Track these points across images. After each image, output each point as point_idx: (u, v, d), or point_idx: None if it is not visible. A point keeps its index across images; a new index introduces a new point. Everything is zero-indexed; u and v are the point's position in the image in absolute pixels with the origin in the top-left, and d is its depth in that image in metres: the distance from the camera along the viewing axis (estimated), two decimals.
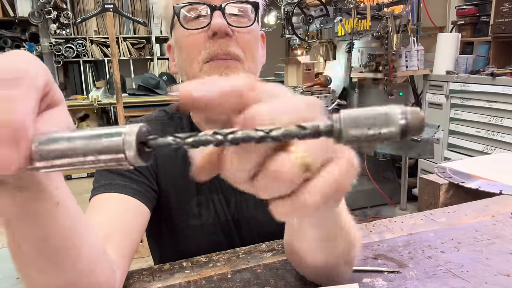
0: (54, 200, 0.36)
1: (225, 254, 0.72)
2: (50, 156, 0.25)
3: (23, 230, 0.36)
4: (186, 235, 0.77)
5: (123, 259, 0.59)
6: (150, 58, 5.36)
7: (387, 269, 0.64)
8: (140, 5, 5.28)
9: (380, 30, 2.80)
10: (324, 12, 2.87)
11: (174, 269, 0.68)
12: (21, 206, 0.33)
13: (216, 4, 0.65)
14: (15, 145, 0.24)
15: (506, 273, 0.63)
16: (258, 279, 0.64)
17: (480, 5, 3.18)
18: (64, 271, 0.42)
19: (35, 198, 0.34)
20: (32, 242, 0.38)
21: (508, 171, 1.21)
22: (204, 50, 0.66)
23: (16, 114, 0.25)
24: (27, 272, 0.42)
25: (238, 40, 0.67)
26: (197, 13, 0.68)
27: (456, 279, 0.62)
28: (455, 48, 2.92)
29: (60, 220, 0.38)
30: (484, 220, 0.83)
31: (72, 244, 0.41)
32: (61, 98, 0.32)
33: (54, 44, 4.75)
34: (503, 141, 2.45)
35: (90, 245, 0.45)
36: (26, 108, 0.26)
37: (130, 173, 0.69)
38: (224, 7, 0.65)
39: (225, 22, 0.64)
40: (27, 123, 0.25)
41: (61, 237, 0.39)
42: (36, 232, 0.37)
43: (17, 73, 0.26)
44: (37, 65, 0.29)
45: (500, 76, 2.46)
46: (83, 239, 0.43)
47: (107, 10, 2.74)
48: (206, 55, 0.66)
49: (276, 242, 0.77)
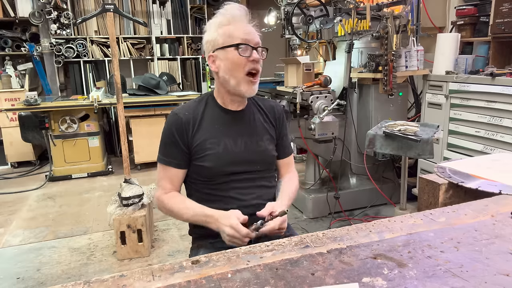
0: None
1: (225, 254, 0.72)
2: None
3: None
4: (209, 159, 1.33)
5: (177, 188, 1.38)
6: (150, 58, 5.36)
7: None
8: (140, 5, 5.28)
9: (380, 30, 2.80)
10: (324, 12, 2.87)
11: (174, 269, 0.68)
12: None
13: (254, 45, 1.28)
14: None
15: (506, 273, 0.63)
16: (258, 279, 0.64)
17: (479, 5, 3.18)
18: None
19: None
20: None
21: (507, 171, 1.21)
22: (247, 66, 1.27)
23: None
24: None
25: (260, 62, 1.31)
26: (246, 47, 1.28)
27: (455, 278, 0.62)
28: (454, 48, 2.92)
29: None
30: (483, 220, 0.83)
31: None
32: None
33: (55, 44, 4.75)
34: (503, 141, 2.45)
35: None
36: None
37: (171, 150, 1.33)
38: (257, 48, 1.29)
39: (258, 55, 1.29)
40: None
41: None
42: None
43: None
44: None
45: (500, 76, 2.46)
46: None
47: (107, 10, 2.75)
48: (247, 68, 1.27)
49: (276, 242, 0.77)
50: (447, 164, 1.27)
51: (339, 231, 0.81)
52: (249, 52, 1.27)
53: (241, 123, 1.37)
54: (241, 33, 1.28)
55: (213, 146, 1.32)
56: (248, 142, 1.35)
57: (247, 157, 1.34)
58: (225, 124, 1.36)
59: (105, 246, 2.72)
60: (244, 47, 1.27)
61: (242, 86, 1.29)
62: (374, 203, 3.18)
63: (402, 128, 2.20)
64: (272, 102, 1.50)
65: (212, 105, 1.38)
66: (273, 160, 1.42)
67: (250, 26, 1.30)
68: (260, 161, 1.36)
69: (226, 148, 1.32)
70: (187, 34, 5.44)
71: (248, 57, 1.26)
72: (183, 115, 1.33)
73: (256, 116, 1.41)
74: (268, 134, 1.41)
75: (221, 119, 1.36)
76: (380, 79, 2.82)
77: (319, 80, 2.83)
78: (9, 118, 4.49)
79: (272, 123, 1.44)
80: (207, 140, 1.32)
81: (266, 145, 1.38)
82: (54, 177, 4.16)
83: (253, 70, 1.28)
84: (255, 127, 1.39)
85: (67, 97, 4.54)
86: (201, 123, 1.34)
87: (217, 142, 1.32)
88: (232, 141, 1.33)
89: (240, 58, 1.26)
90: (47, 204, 3.56)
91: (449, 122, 2.81)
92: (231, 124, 1.36)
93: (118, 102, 2.80)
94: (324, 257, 0.71)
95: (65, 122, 4.11)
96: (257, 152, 1.35)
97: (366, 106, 3.11)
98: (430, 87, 2.97)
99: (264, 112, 1.44)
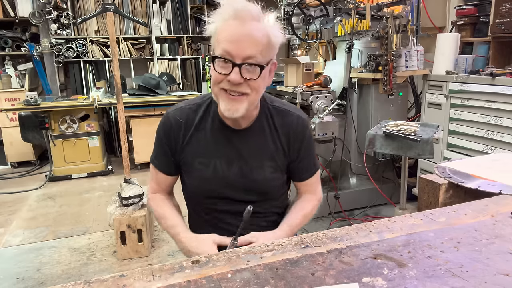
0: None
1: (225, 254, 0.72)
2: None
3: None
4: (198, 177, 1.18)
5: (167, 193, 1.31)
6: (150, 58, 5.36)
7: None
8: (140, 5, 5.28)
9: (379, 30, 2.80)
10: (324, 12, 2.87)
11: (174, 269, 0.68)
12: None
13: (237, 62, 0.98)
14: None
15: (506, 273, 0.63)
16: (258, 279, 0.64)
17: (479, 5, 3.18)
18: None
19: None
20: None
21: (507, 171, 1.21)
22: (223, 83, 1.01)
23: None
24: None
25: (249, 83, 1.02)
26: (226, 61, 1.00)
27: (455, 278, 0.62)
28: (454, 48, 2.92)
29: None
30: (483, 220, 0.83)
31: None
32: None
33: (55, 44, 4.75)
34: (503, 141, 2.45)
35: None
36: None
37: (162, 155, 1.20)
38: (241, 65, 0.99)
39: (238, 78, 0.99)
40: None
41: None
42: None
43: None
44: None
45: (500, 76, 2.46)
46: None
47: (107, 10, 2.75)
48: (223, 86, 1.02)
49: (276, 242, 0.77)
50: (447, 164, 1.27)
51: (339, 231, 0.81)
52: (228, 68, 0.99)
53: (241, 143, 1.14)
54: (225, 39, 0.98)
55: (201, 167, 1.14)
56: (244, 167, 1.14)
57: (241, 184, 1.14)
58: (221, 141, 1.14)
59: (105, 246, 2.72)
60: (221, 61, 0.99)
61: (220, 103, 1.05)
62: (374, 203, 3.18)
63: (402, 128, 2.20)
64: (292, 117, 1.18)
65: (213, 113, 1.16)
66: (274, 190, 1.20)
67: (250, 28, 0.98)
68: (256, 190, 1.15)
69: (215, 171, 1.13)
70: (187, 34, 5.44)
71: (225, 75, 0.99)
72: (174, 120, 1.15)
73: (264, 135, 1.16)
74: (273, 160, 1.16)
75: (219, 133, 1.14)
76: (380, 79, 2.81)
77: (319, 80, 2.83)
78: (9, 118, 4.49)
79: (283, 146, 1.17)
80: (196, 158, 1.15)
81: (267, 173, 1.15)
82: (54, 177, 4.16)
83: (230, 92, 1.01)
84: (256, 150, 1.15)
85: (67, 97, 4.54)
86: (194, 134, 1.15)
87: (206, 163, 1.14)
88: (225, 163, 1.13)
89: (215, 72, 1.01)
90: (47, 204, 3.56)
91: (449, 122, 2.81)
92: (229, 142, 1.14)
93: (118, 102, 2.80)
94: (324, 257, 0.71)
95: (65, 122, 4.11)
96: (254, 181, 1.14)
97: (366, 106, 3.11)
98: (430, 87, 2.97)
99: (275, 130, 1.17)
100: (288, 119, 1.17)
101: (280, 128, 1.17)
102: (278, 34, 1.03)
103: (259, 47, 0.99)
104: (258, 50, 0.98)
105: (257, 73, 1.00)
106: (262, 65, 1.00)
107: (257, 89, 1.04)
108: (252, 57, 0.98)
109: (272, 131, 1.17)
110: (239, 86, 1.00)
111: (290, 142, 1.18)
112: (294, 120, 1.18)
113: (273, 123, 1.17)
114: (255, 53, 0.98)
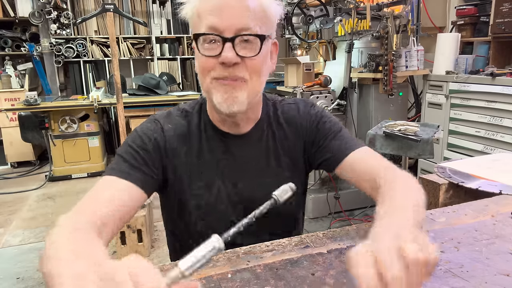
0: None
1: (225, 254, 0.72)
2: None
3: None
4: (195, 214, 0.89)
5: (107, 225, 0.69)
6: (150, 58, 5.36)
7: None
8: (140, 5, 5.28)
9: (380, 30, 2.80)
10: (324, 12, 2.87)
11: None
12: None
13: (227, 36, 0.75)
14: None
15: (506, 273, 0.63)
16: (258, 279, 0.64)
17: (480, 5, 3.18)
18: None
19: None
20: None
21: (508, 171, 1.20)
22: (214, 71, 0.78)
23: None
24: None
25: (247, 64, 0.78)
26: (213, 38, 0.77)
27: (456, 278, 0.62)
28: (455, 48, 2.92)
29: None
30: (484, 220, 0.83)
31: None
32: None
33: (55, 44, 4.75)
34: (503, 141, 2.45)
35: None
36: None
37: (136, 163, 0.81)
38: (234, 39, 0.75)
39: (233, 55, 0.75)
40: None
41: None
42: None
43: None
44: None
45: (500, 76, 2.46)
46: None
47: (107, 10, 2.75)
48: (215, 75, 0.78)
49: (276, 242, 0.77)
50: (447, 164, 1.27)
51: (339, 231, 0.81)
52: (217, 48, 0.76)
53: (243, 154, 0.90)
54: (208, 12, 0.76)
55: (200, 192, 0.88)
56: (250, 183, 0.89)
57: (245, 205, 0.89)
58: (215, 157, 0.88)
59: None
60: (207, 41, 0.77)
61: (214, 96, 0.79)
62: (374, 203, 3.18)
63: (402, 128, 2.20)
64: (296, 105, 0.96)
65: (204, 121, 0.91)
66: (290, 210, 0.95)
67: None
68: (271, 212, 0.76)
69: (219, 195, 0.88)
70: (187, 34, 5.43)
71: (216, 57, 0.76)
72: (165, 127, 0.88)
73: (269, 137, 0.92)
74: (288, 170, 0.92)
75: (214, 144, 0.89)
76: (380, 79, 2.81)
77: (319, 80, 2.83)
78: (9, 118, 4.49)
79: (296, 146, 0.93)
80: (192, 182, 0.87)
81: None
82: (54, 177, 4.16)
83: (223, 79, 0.78)
84: (265, 160, 0.91)
85: (67, 97, 4.54)
86: (186, 148, 0.88)
87: (206, 186, 0.88)
88: (230, 183, 0.89)
89: (201, 58, 0.78)
90: (47, 204, 3.55)
91: (449, 122, 2.81)
92: (229, 156, 0.89)
93: (118, 102, 2.80)
94: (324, 257, 0.71)
95: (65, 122, 4.11)
96: (262, 200, 0.76)
97: (366, 106, 3.11)
98: (430, 87, 2.97)
99: (282, 127, 0.93)
100: (291, 111, 0.95)
101: (285, 122, 0.93)
102: (274, 5, 0.82)
103: (254, 14, 0.76)
104: (252, 18, 0.76)
105: (256, 48, 0.77)
106: (261, 34, 0.77)
107: (258, 72, 0.80)
108: (246, 28, 0.76)
109: (279, 127, 0.93)
110: (235, 68, 0.77)
111: (306, 135, 0.93)
112: (298, 110, 0.95)
113: (277, 119, 0.93)
114: (249, 21, 0.76)
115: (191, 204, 0.88)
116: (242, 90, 0.79)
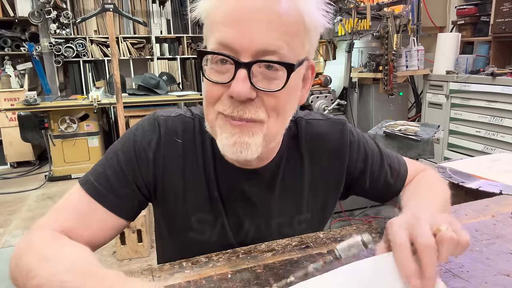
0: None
1: (225, 254, 0.72)
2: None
3: None
4: (188, 244, 0.77)
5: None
6: (150, 58, 5.36)
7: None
8: (140, 5, 5.28)
9: (380, 30, 2.80)
10: None
11: (174, 269, 0.68)
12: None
13: (243, 60, 0.55)
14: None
15: (506, 273, 0.63)
16: (258, 279, 0.64)
17: (480, 5, 3.18)
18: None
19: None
20: None
21: (508, 171, 1.20)
22: (221, 103, 0.59)
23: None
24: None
25: (265, 101, 0.58)
26: (224, 58, 0.57)
27: (456, 279, 0.62)
28: (455, 48, 2.92)
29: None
30: (484, 220, 0.83)
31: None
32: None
33: (54, 44, 4.75)
34: (503, 141, 2.45)
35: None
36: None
37: (116, 183, 0.69)
38: (251, 66, 0.55)
39: (246, 90, 0.55)
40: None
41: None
42: None
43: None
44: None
45: (500, 76, 2.46)
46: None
47: (107, 10, 2.74)
48: (221, 109, 0.59)
49: (276, 242, 0.77)
50: (448, 164, 1.27)
51: (340, 231, 0.81)
52: (228, 72, 0.57)
53: (253, 189, 0.73)
54: (221, 21, 0.56)
55: (201, 227, 0.74)
56: (260, 227, 0.75)
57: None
58: (223, 192, 0.73)
59: (105, 246, 2.71)
60: (215, 61, 0.58)
61: (218, 137, 0.62)
62: (374, 203, 3.18)
63: (403, 128, 2.20)
64: (325, 129, 0.77)
65: (208, 144, 0.72)
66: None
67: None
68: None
69: (224, 233, 0.74)
70: (187, 34, 5.43)
71: (225, 85, 0.57)
72: (166, 135, 0.70)
73: (292, 170, 0.75)
74: (309, 210, 0.78)
75: (224, 181, 0.72)
76: (381, 78, 2.81)
77: (319, 80, 2.83)
78: (9, 118, 4.49)
79: (327, 179, 0.77)
80: (193, 214, 0.73)
81: (296, 232, 0.77)
82: (54, 177, 4.16)
83: (232, 116, 0.58)
84: (283, 200, 0.75)
85: (66, 97, 4.54)
86: (183, 178, 0.72)
87: (209, 221, 0.73)
88: (236, 221, 0.74)
89: (207, 83, 0.60)
90: (46, 204, 3.55)
91: (450, 122, 2.81)
92: (238, 189, 0.73)
93: (117, 102, 2.80)
94: (324, 257, 0.70)
95: (64, 122, 4.11)
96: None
97: (367, 106, 3.11)
98: (430, 87, 2.97)
99: (311, 157, 0.75)
100: (320, 135, 0.76)
101: (314, 151, 0.75)
102: (317, 14, 0.59)
103: (283, 29, 0.55)
104: (283, 33, 0.55)
105: (281, 79, 0.57)
106: (290, 63, 0.56)
107: (281, 111, 0.60)
108: (272, 51, 0.55)
109: (304, 161, 0.75)
110: (247, 106, 0.57)
111: (342, 164, 0.77)
112: (328, 135, 0.76)
113: (298, 148, 0.74)
114: (277, 40, 0.55)
115: (189, 237, 0.75)
116: (255, 135, 0.59)
